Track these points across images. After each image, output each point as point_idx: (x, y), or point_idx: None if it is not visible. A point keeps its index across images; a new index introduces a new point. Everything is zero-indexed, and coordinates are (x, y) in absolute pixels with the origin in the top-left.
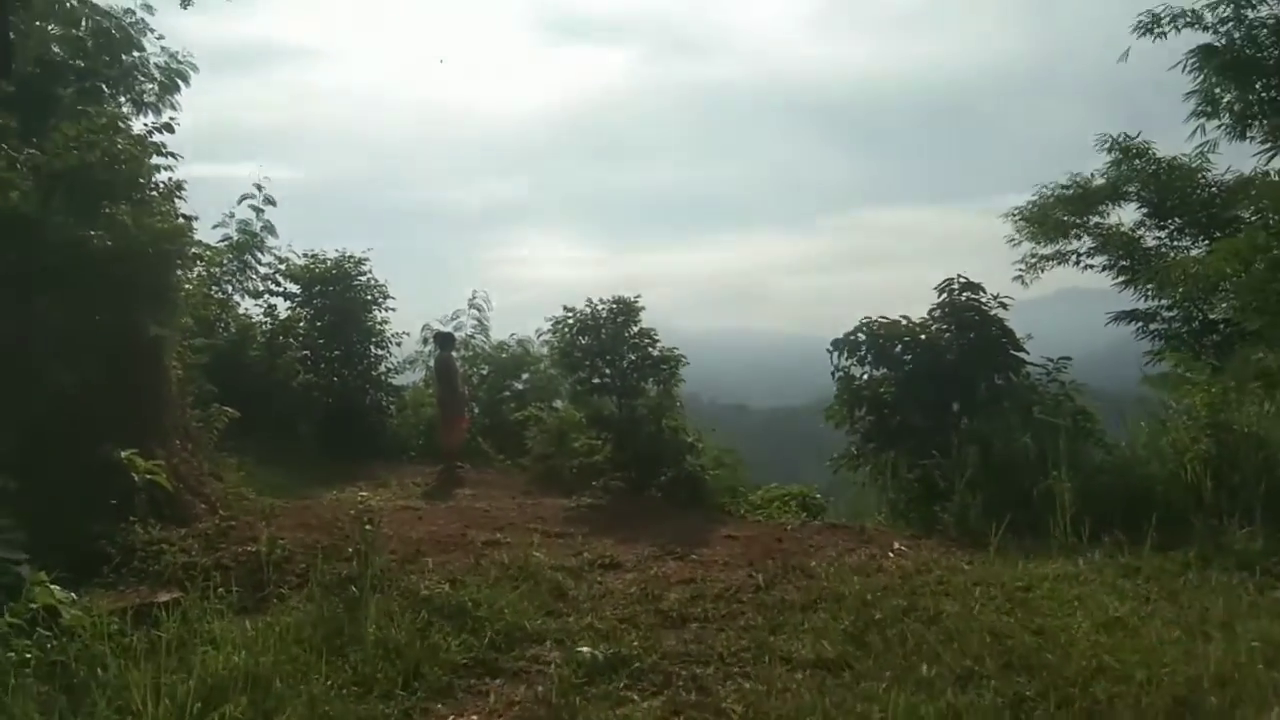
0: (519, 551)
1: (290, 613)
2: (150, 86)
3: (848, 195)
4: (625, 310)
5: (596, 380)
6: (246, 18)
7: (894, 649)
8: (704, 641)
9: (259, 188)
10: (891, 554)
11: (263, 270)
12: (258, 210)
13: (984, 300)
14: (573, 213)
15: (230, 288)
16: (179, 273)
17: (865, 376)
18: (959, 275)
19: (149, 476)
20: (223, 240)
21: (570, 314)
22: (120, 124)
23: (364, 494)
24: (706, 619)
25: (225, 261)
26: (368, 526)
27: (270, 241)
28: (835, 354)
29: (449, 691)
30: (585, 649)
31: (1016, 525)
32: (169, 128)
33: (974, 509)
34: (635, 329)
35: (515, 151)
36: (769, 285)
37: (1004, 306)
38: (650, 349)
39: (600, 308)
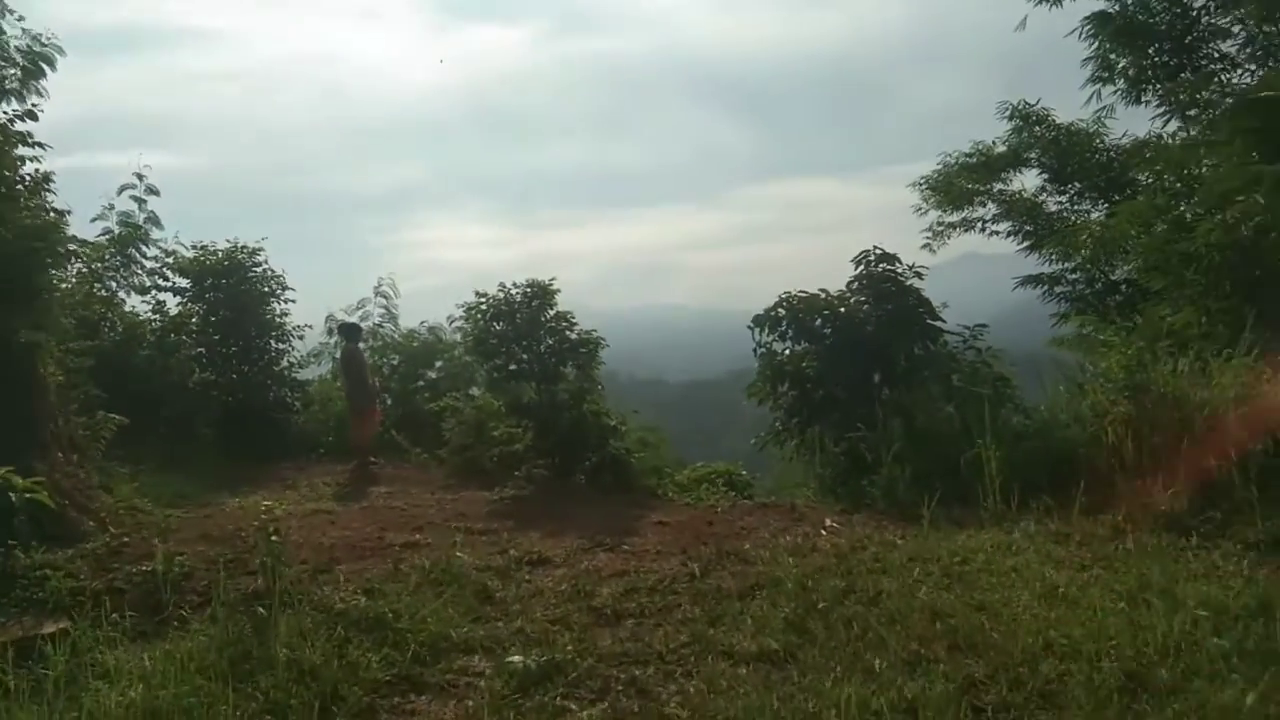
0: (440, 553)
1: (192, 637)
2: (11, 72)
3: (752, 169)
4: (540, 294)
5: (514, 367)
6: (116, 2)
7: (837, 635)
8: (641, 639)
9: (140, 177)
10: (824, 532)
11: (149, 265)
12: (139, 201)
13: (900, 271)
14: (480, 194)
15: (115, 284)
16: (51, 272)
17: (786, 351)
18: (875, 247)
19: (28, 495)
20: (103, 234)
21: (483, 299)
22: None
23: (267, 501)
24: (642, 614)
25: (107, 257)
26: (274, 537)
27: (155, 234)
28: (756, 330)
29: (371, 713)
30: (516, 658)
31: (945, 496)
32: (32, 115)
33: (902, 481)
34: (551, 312)
35: (417, 134)
36: (679, 260)
37: (919, 276)
38: (568, 332)
39: (514, 292)
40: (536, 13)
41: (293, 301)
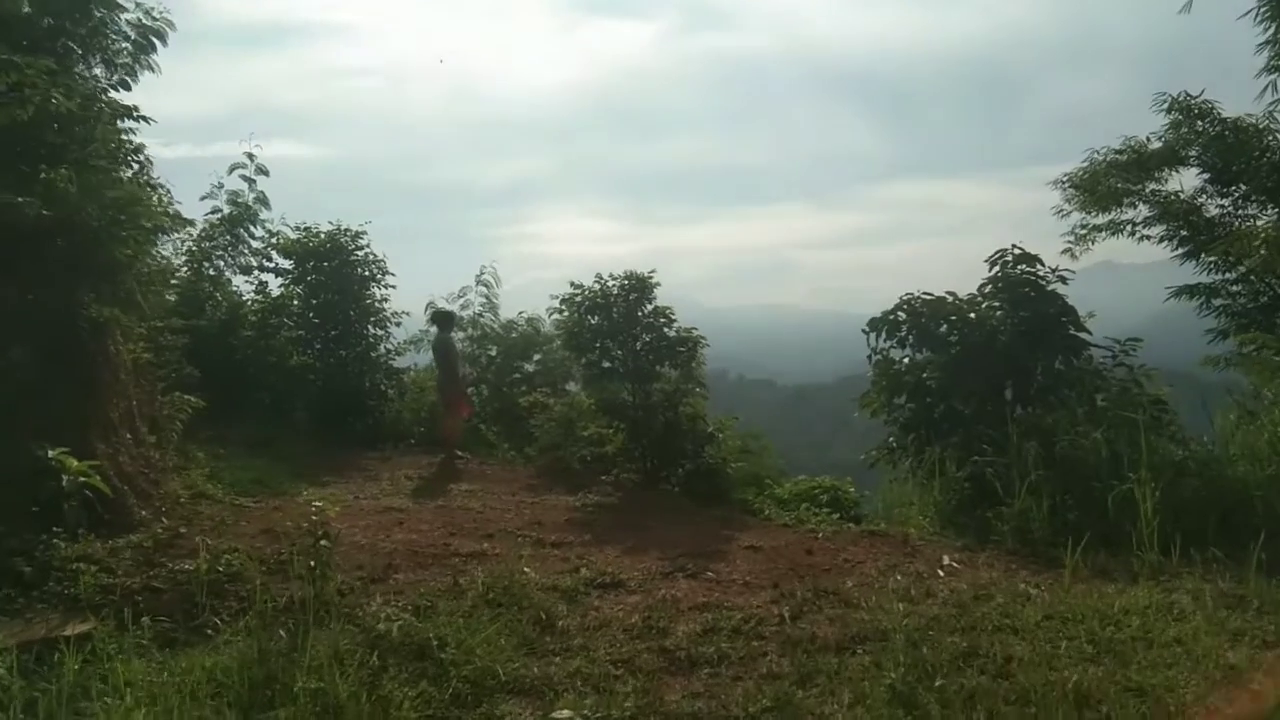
0: (505, 566)
1: (219, 651)
2: (124, 46)
3: (878, 167)
4: (638, 287)
5: (607, 364)
6: None
7: (955, 717)
8: (716, 695)
9: (250, 156)
10: (942, 572)
11: (255, 245)
12: (249, 181)
13: (1041, 274)
14: (598, 189)
15: (222, 264)
16: (135, 246)
17: (906, 360)
18: (1013, 245)
19: (82, 479)
20: (212, 213)
21: (579, 291)
22: (60, 79)
23: (319, 502)
24: (721, 662)
25: (215, 236)
26: (324, 540)
27: (264, 215)
28: (872, 335)
29: None
30: (564, 713)
31: (1089, 539)
32: (125, 84)
33: (1037, 517)
34: (649, 307)
35: (541, 129)
36: (797, 259)
37: (1063, 281)
38: (666, 329)
39: (611, 284)
40: (665, 8)
41: (393, 287)
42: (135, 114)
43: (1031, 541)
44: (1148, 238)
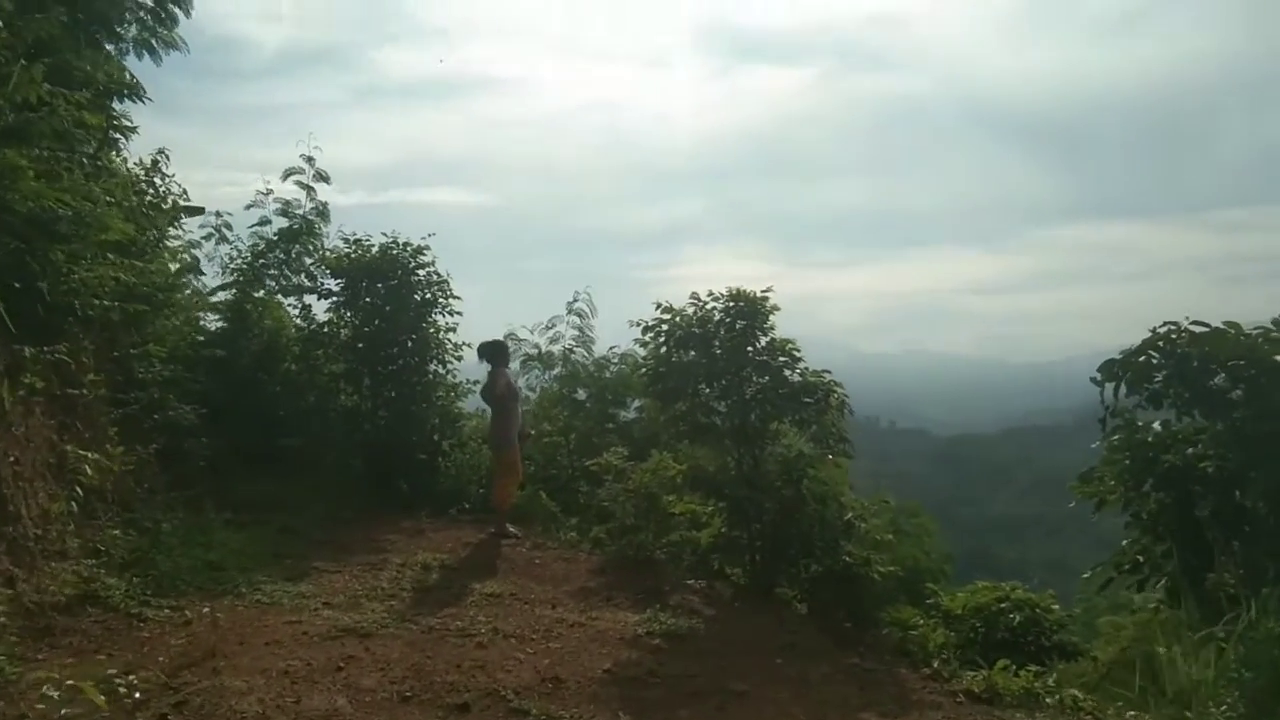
0: None
1: None
2: (142, 16)
3: (1046, 210)
4: (748, 311)
5: (703, 417)
6: (442, 52)
7: None
8: None
9: (309, 160)
10: None
11: (309, 262)
12: (307, 188)
13: None
14: (750, 233)
15: (274, 284)
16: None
17: (1157, 426)
18: None
19: None
20: (260, 224)
21: (669, 316)
22: None
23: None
24: None
25: (267, 253)
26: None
27: (324, 228)
28: (1107, 385)
29: None
30: None
31: None
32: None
33: None
34: (764, 340)
35: (695, 174)
36: (958, 305)
37: None
38: (787, 370)
39: (712, 307)
40: (819, 54)
41: (459, 314)
42: (133, 91)
43: None
44: None
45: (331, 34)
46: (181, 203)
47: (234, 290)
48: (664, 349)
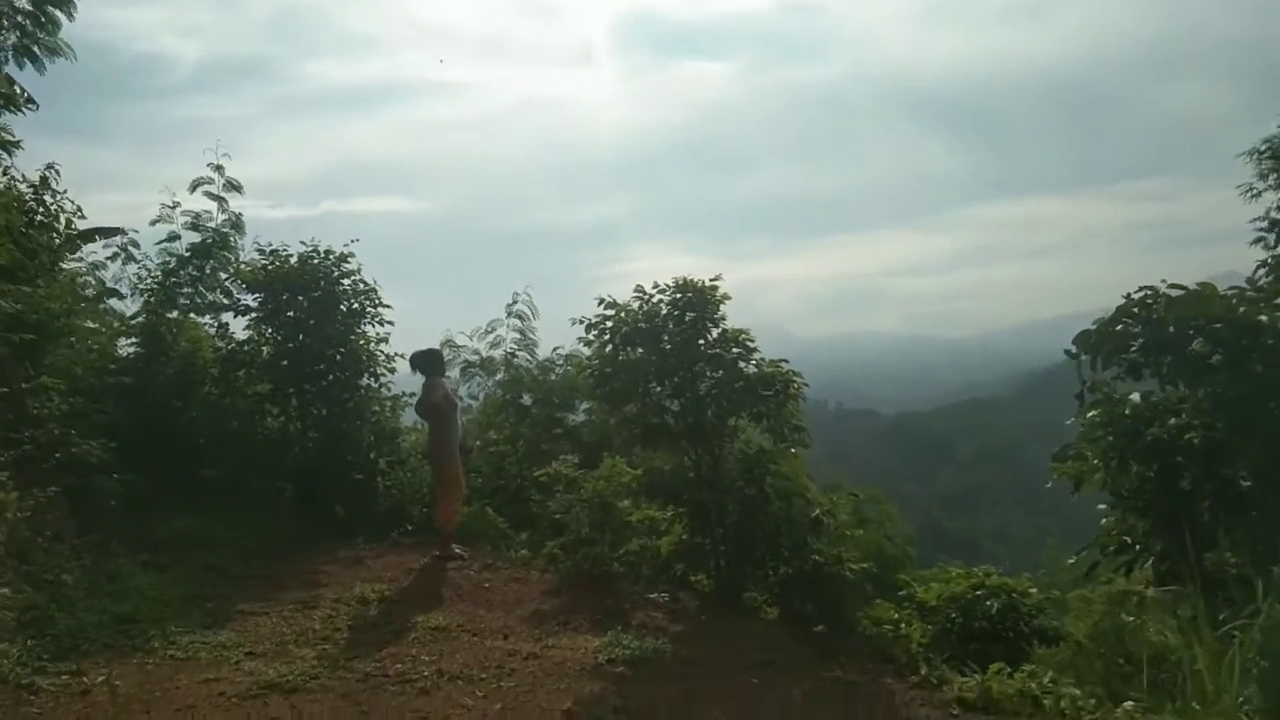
0: None
1: None
2: (21, 21)
3: (968, 190)
4: (697, 302)
5: (655, 418)
6: (371, 60)
7: None
8: None
9: (219, 169)
10: None
11: (224, 277)
12: (217, 199)
13: None
14: (684, 226)
15: (190, 303)
16: None
17: (1135, 398)
18: None
19: None
20: (169, 240)
21: (613, 312)
22: None
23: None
24: None
25: (179, 270)
26: None
27: (239, 241)
28: (1084, 357)
29: None
30: None
31: None
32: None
33: None
34: (715, 332)
35: (626, 171)
36: (889, 286)
37: None
38: (742, 363)
39: (659, 300)
40: (742, 47)
41: (390, 323)
42: (9, 101)
43: None
44: None
45: (249, 45)
46: (76, 222)
47: (145, 313)
48: (609, 347)
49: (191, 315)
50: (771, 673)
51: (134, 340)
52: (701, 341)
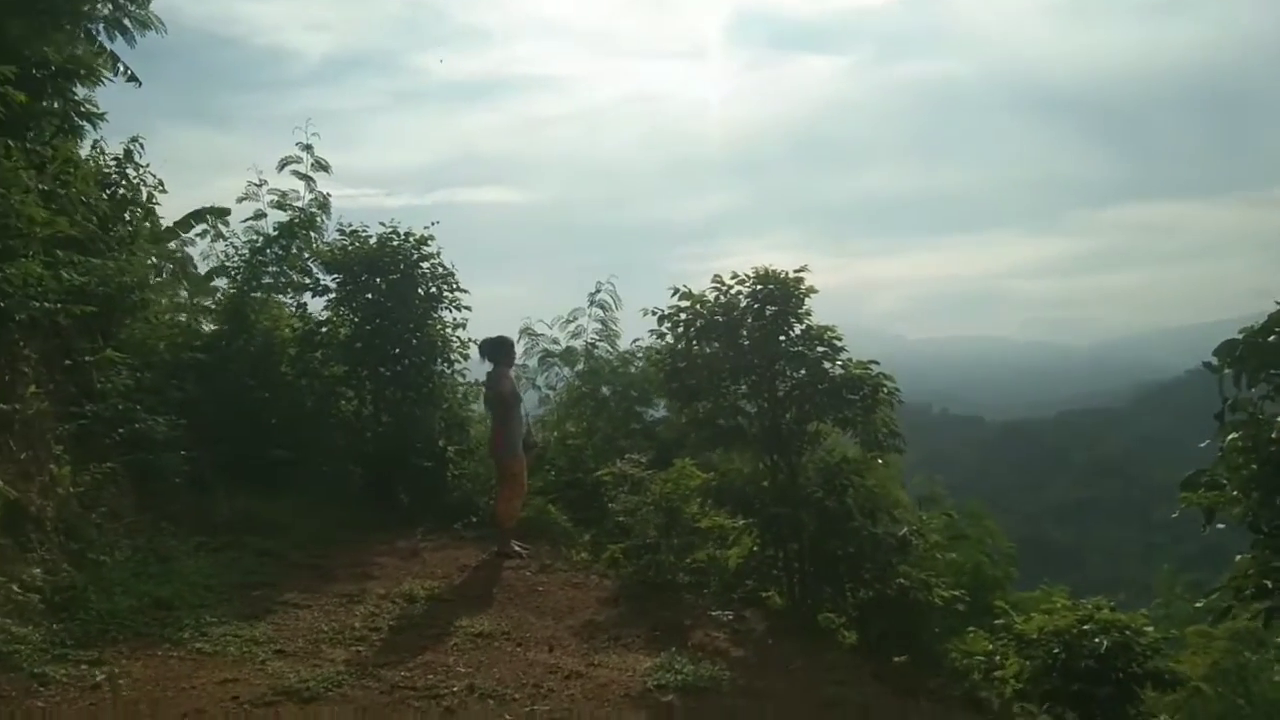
0: None
1: None
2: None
3: (1097, 192)
4: (779, 295)
5: (722, 422)
6: (486, 52)
7: None
8: None
9: (307, 148)
10: None
11: (307, 257)
12: (305, 178)
13: None
14: (791, 222)
15: (270, 282)
16: None
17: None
18: None
19: None
20: (255, 218)
21: (688, 303)
22: None
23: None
24: None
25: (264, 249)
26: None
27: (325, 222)
28: (1225, 370)
29: None
30: None
31: None
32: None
33: None
34: (799, 328)
35: (735, 166)
36: (1006, 289)
37: None
38: (826, 362)
39: (737, 291)
40: (859, 40)
41: (467, 308)
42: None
43: None
44: None
45: (374, 39)
46: (157, 194)
47: (231, 289)
48: (683, 341)
49: (274, 295)
50: (842, 714)
51: (216, 317)
52: (783, 338)
